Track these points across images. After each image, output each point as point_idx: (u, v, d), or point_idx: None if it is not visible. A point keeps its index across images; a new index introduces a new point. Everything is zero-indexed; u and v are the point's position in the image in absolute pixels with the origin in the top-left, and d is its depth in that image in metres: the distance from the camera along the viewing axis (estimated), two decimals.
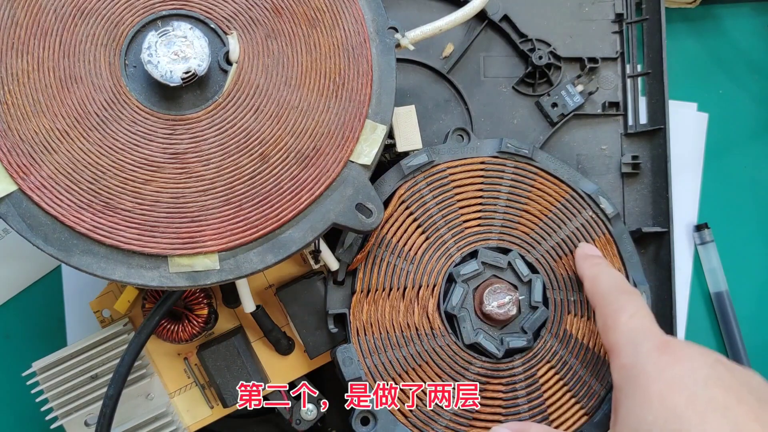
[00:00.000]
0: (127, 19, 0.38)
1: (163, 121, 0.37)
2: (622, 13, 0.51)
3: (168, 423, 0.43)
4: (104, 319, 0.45)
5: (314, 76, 0.39)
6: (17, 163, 0.35)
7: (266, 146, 0.38)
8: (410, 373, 0.41)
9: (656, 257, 0.48)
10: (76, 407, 0.43)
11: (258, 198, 0.37)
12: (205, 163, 0.37)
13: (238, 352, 0.43)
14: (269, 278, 0.45)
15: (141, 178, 0.36)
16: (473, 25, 0.50)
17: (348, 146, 0.38)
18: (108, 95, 0.37)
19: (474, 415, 0.41)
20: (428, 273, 0.42)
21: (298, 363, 0.45)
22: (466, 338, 0.41)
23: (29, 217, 0.35)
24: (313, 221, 0.37)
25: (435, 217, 0.43)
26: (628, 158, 0.50)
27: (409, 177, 0.43)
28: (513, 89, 0.50)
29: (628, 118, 0.50)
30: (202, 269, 0.36)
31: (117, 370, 0.39)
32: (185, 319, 0.42)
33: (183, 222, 0.36)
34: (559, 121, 0.50)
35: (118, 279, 0.35)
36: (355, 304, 0.42)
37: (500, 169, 0.44)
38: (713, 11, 0.60)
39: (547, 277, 0.43)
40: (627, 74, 0.51)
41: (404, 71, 0.50)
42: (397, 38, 0.41)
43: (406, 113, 0.44)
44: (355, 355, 0.41)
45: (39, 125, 0.36)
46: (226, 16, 0.39)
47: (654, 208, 0.49)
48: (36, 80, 0.37)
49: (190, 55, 0.36)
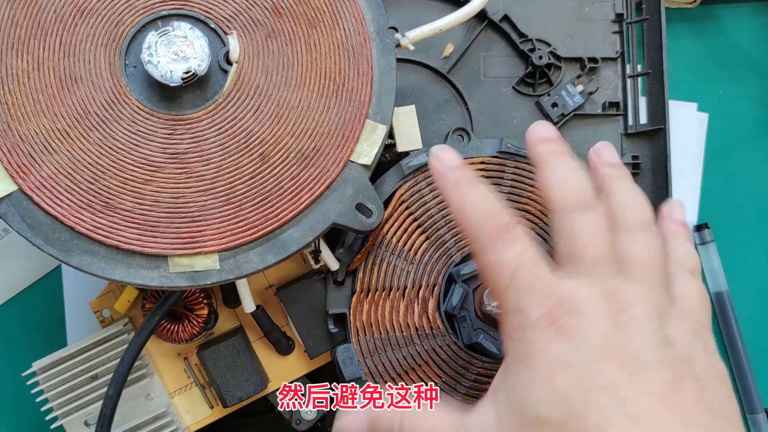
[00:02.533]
0: (127, 19, 0.38)
1: (163, 121, 0.37)
2: (622, 13, 0.51)
3: (168, 423, 0.43)
4: (104, 319, 0.45)
5: (314, 76, 0.39)
6: (17, 163, 0.35)
7: (266, 146, 0.38)
8: (410, 373, 0.41)
9: None
10: (76, 407, 0.43)
11: (258, 198, 0.37)
12: (205, 163, 0.37)
13: (238, 352, 0.43)
14: (269, 278, 0.45)
15: (141, 178, 0.36)
16: (473, 25, 0.50)
17: (348, 146, 0.38)
18: (108, 95, 0.37)
19: None
20: (428, 273, 0.42)
21: (298, 363, 0.45)
22: (466, 338, 0.41)
23: (29, 217, 0.35)
24: (313, 221, 0.37)
25: (435, 217, 0.43)
26: (628, 158, 0.50)
27: (410, 177, 0.43)
28: (513, 89, 0.50)
29: (628, 118, 0.50)
30: (202, 269, 0.36)
31: (117, 370, 0.39)
32: (185, 319, 0.42)
33: (183, 222, 0.36)
34: (559, 121, 0.50)
35: (118, 279, 0.35)
36: (355, 304, 0.42)
37: (500, 169, 0.44)
38: (713, 11, 0.60)
39: None
40: (627, 74, 0.51)
41: (404, 71, 0.50)
42: (397, 38, 0.41)
43: (406, 113, 0.44)
44: (355, 355, 0.41)
45: (39, 125, 0.36)
46: (226, 16, 0.39)
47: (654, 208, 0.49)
48: (36, 80, 0.37)
49: (190, 55, 0.36)
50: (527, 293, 0.28)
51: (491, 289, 0.31)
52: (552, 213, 0.31)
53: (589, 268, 0.29)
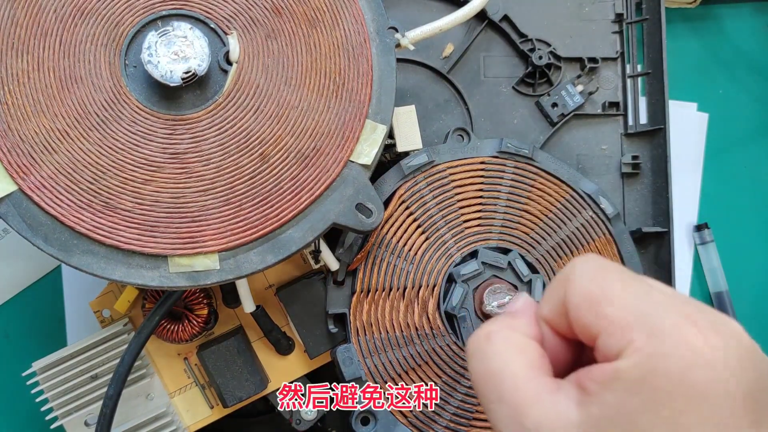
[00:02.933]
0: (127, 19, 0.38)
1: (163, 121, 0.37)
2: (622, 13, 0.51)
3: (168, 423, 0.43)
4: (104, 319, 0.45)
5: (314, 76, 0.39)
6: (17, 163, 0.35)
7: (266, 146, 0.38)
8: (410, 373, 0.41)
9: (656, 257, 0.48)
10: (76, 407, 0.43)
11: (258, 198, 0.37)
12: (205, 163, 0.37)
13: (238, 352, 0.43)
14: (269, 278, 0.45)
15: (141, 178, 0.36)
16: (473, 25, 0.50)
17: (348, 146, 0.38)
18: (108, 95, 0.37)
19: (474, 416, 0.41)
20: (428, 273, 0.42)
21: (298, 363, 0.45)
22: (466, 338, 0.41)
23: (29, 217, 0.35)
24: (313, 221, 0.37)
25: (435, 217, 0.43)
26: (628, 158, 0.50)
27: (409, 177, 0.43)
28: (513, 89, 0.50)
29: (628, 118, 0.50)
30: (202, 269, 0.36)
31: (117, 370, 0.39)
32: (185, 319, 0.42)
33: (183, 222, 0.36)
34: (559, 121, 0.50)
35: (118, 279, 0.35)
36: (355, 304, 0.42)
37: (500, 169, 0.44)
38: (713, 11, 0.60)
39: (547, 277, 0.43)
40: (627, 74, 0.51)
41: (404, 71, 0.50)
42: (397, 38, 0.41)
43: (406, 113, 0.44)
44: (355, 355, 0.41)
45: (39, 125, 0.36)
46: (226, 16, 0.39)
47: (654, 208, 0.49)
48: (36, 80, 0.37)
49: (190, 55, 0.36)
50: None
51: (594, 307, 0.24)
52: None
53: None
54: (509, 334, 0.25)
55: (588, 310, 0.23)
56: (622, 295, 0.23)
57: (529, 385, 0.23)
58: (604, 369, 0.22)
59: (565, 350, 0.25)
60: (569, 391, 0.23)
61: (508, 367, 0.24)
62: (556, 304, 0.24)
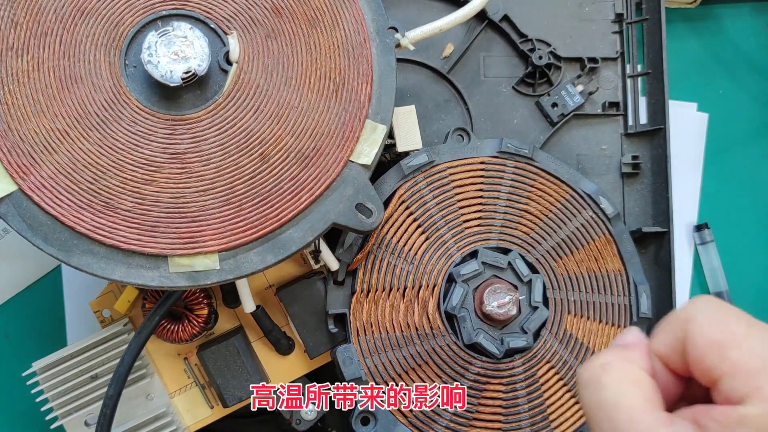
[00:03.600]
0: (127, 19, 0.38)
1: (163, 121, 0.37)
2: (622, 13, 0.51)
3: (168, 423, 0.43)
4: (104, 319, 0.45)
5: (314, 76, 0.39)
6: (17, 163, 0.35)
7: (266, 146, 0.38)
8: (410, 373, 0.41)
9: (656, 257, 0.48)
10: (76, 407, 0.43)
11: (258, 198, 0.37)
12: (205, 163, 0.37)
13: (238, 352, 0.43)
14: (269, 278, 0.45)
15: (141, 178, 0.36)
16: (473, 25, 0.50)
17: (348, 146, 0.38)
18: (108, 95, 0.37)
19: (474, 416, 0.41)
20: (428, 273, 0.42)
21: (298, 363, 0.45)
22: (466, 338, 0.41)
23: (29, 217, 0.35)
24: (313, 221, 0.37)
25: (435, 217, 0.43)
26: (628, 158, 0.50)
27: (409, 177, 0.43)
28: (513, 89, 0.50)
29: (628, 118, 0.50)
30: (202, 269, 0.36)
31: (117, 370, 0.39)
32: (185, 319, 0.42)
33: (183, 222, 0.36)
34: (559, 121, 0.50)
35: (118, 279, 0.35)
36: (355, 304, 0.42)
37: (500, 169, 0.44)
38: (713, 11, 0.59)
39: (547, 277, 0.43)
40: (627, 74, 0.51)
41: (404, 71, 0.50)
42: (397, 38, 0.41)
43: (406, 113, 0.44)
44: (355, 355, 0.41)
45: (39, 125, 0.36)
46: (226, 16, 0.39)
47: (654, 208, 0.49)
48: (36, 80, 0.37)
49: (190, 55, 0.36)
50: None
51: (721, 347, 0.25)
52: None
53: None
54: (625, 365, 0.25)
55: (712, 352, 0.23)
56: (747, 339, 0.23)
57: (645, 418, 0.23)
58: (728, 412, 0.22)
59: (674, 386, 0.25)
60: (685, 427, 0.23)
61: (624, 399, 0.24)
62: (672, 342, 0.25)
